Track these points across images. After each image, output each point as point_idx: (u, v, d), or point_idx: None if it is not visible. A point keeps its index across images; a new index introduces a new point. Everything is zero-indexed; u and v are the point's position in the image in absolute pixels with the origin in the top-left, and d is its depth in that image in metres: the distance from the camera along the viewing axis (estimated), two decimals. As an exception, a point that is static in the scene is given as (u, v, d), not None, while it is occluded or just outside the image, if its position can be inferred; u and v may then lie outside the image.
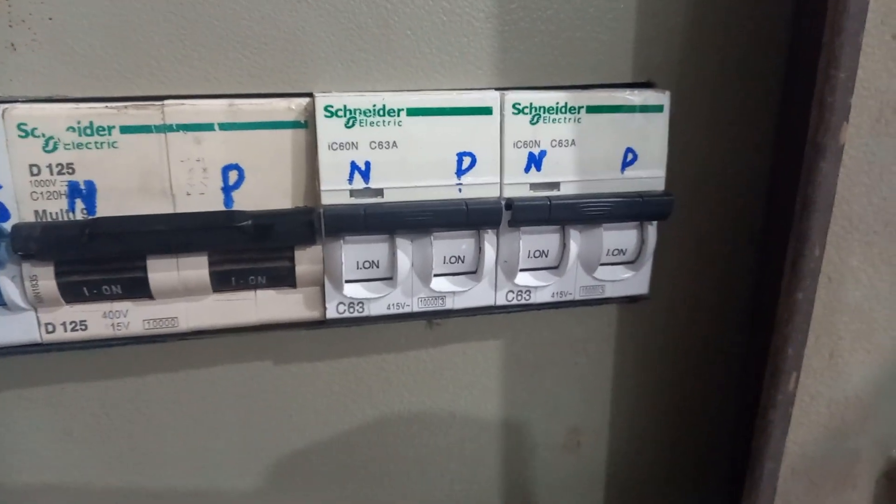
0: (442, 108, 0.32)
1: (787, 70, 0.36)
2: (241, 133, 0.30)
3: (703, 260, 0.40)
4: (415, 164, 0.32)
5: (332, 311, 0.33)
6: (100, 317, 0.31)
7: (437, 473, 0.41)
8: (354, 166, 0.31)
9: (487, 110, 0.32)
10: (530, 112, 0.33)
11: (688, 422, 0.44)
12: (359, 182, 0.31)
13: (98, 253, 0.29)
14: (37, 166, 0.28)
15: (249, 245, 0.31)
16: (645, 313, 0.40)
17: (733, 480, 0.40)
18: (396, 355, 0.38)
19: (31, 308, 0.30)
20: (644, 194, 0.35)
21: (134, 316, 0.31)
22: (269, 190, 0.31)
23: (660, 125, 0.35)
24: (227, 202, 0.31)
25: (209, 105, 0.30)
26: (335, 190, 0.31)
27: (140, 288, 0.31)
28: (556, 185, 0.34)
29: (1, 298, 0.29)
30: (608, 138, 0.34)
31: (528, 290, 0.36)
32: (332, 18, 0.31)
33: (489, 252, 0.34)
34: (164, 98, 0.29)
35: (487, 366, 0.39)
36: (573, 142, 0.34)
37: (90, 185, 0.29)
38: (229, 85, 0.31)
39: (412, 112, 0.31)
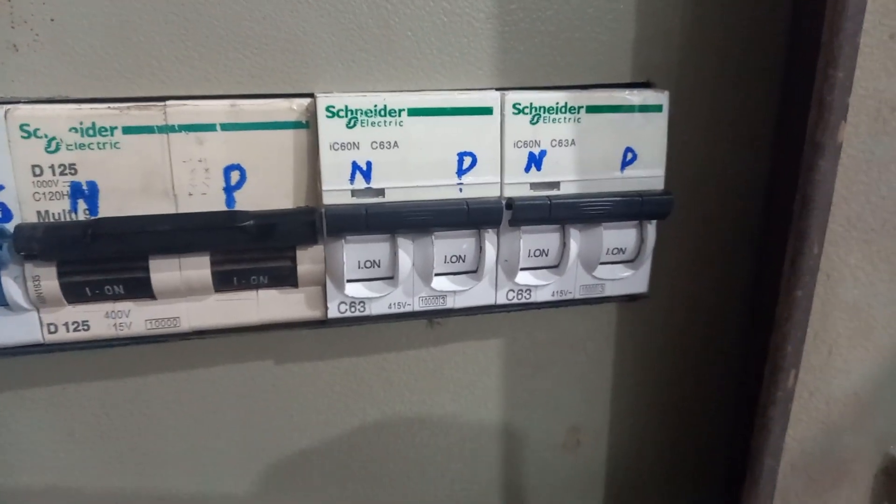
0: (442, 109, 0.32)
1: (785, 70, 0.36)
2: (242, 133, 0.30)
3: (703, 258, 0.40)
4: (416, 163, 0.32)
5: (333, 311, 0.33)
6: (102, 317, 0.31)
7: (437, 473, 0.41)
8: (356, 166, 0.31)
9: (488, 110, 0.32)
10: (530, 112, 0.33)
11: (687, 419, 0.44)
12: (360, 182, 0.31)
13: (100, 253, 0.29)
14: (39, 167, 0.28)
15: (251, 245, 0.31)
16: (644, 312, 0.41)
17: (733, 478, 0.40)
18: (397, 355, 0.38)
19: (33, 308, 0.30)
20: (643, 193, 0.35)
21: (136, 316, 0.31)
22: (271, 190, 0.31)
23: (659, 125, 0.35)
24: (229, 202, 0.31)
25: (211, 105, 0.30)
26: (337, 190, 0.31)
27: (142, 288, 0.31)
28: (557, 185, 0.34)
29: (3, 299, 0.29)
30: (608, 138, 0.34)
31: (529, 289, 0.36)
32: (333, 19, 0.31)
33: (490, 251, 0.34)
34: (165, 99, 0.30)
35: (488, 365, 0.40)
36: (573, 141, 0.34)
37: (92, 186, 0.29)
38: (231, 85, 0.31)
39: (413, 112, 0.31)
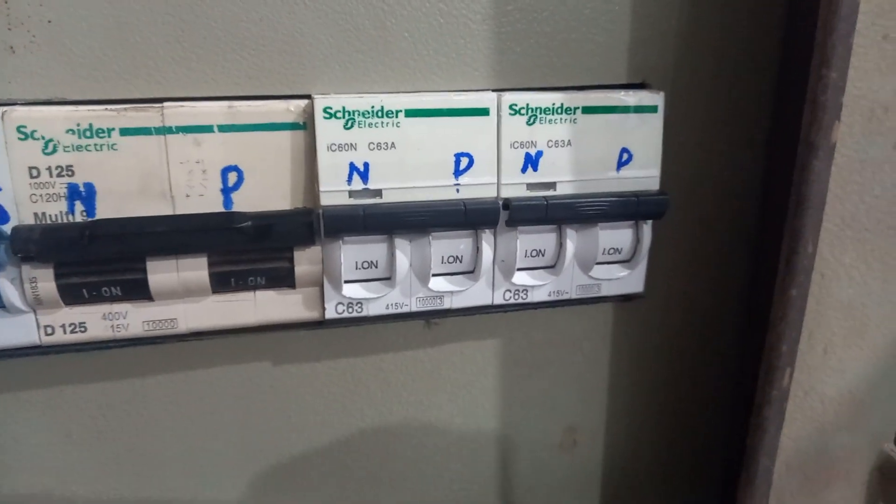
0: (439, 110, 0.32)
1: (780, 70, 0.36)
2: (240, 135, 0.30)
3: (698, 258, 0.40)
4: (413, 164, 0.32)
5: (331, 312, 0.33)
6: (99, 318, 0.31)
7: (434, 472, 0.41)
8: (353, 167, 0.31)
9: (484, 111, 0.32)
10: (527, 113, 0.33)
11: (684, 419, 0.44)
12: (357, 183, 0.31)
13: (97, 255, 0.29)
14: (36, 168, 0.28)
15: (249, 246, 0.31)
16: (640, 312, 0.41)
17: (729, 478, 0.41)
18: (395, 355, 0.38)
19: (30, 310, 0.30)
20: (639, 194, 0.35)
21: (133, 317, 0.31)
22: (269, 191, 0.31)
23: (654, 125, 0.35)
24: (227, 203, 0.31)
25: (208, 107, 0.30)
26: (334, 191, 0.31)
27: (139, 289, 0.31)
28: (553, 185, 0.34)
29: (0, 300, 0.29)
30: (603, 138, 0.34)
31: (525, 289, 0.36)
32: (330, 21, 0.31)
33: (487, 252, 0.34)
34: (163, 100, 0.30)
35: (485, 365, 0.40)
36: (569, 142, 0.34)
37: (90, 188, 0.29)
38: (228, 87, 0.31)
39: (410, 113, 0.31)
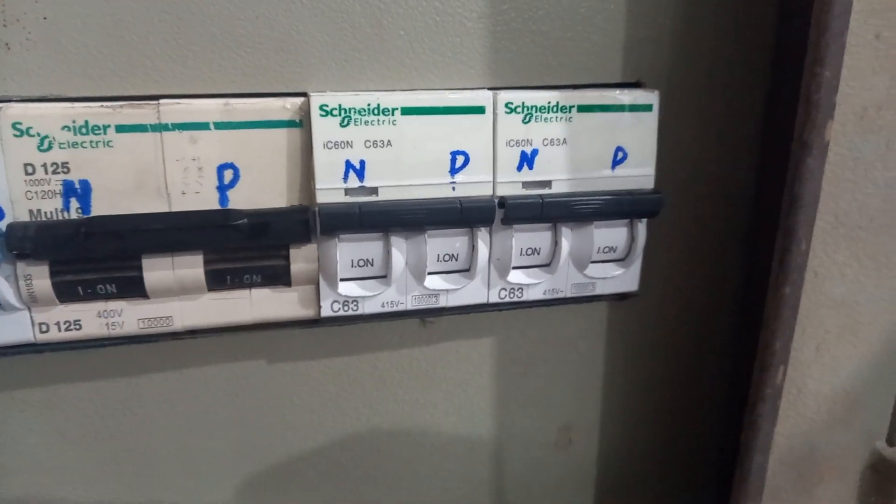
0: (435, 108, 0.32)
1: (773, 69, 0.36)
2: (236, 132, 0.30)
3: (693, 257, 0.40)
4: (409, 162, 0.32)
5: (326, 310, 0.33)
6: (94, 316, 0.31)
7: (429, 471, 0.41)
8: (349, 165, 0.31)
9: (480, 109, 0.33)
10: (522, 111, 0.33)
11: (679, 417, 0.44)
12: (353, 181, 0.31)
13: (93, 252, 0.29)
14: (31, 165, 0.28)
15: (244, 244, 0.31)
16: (635, 310, 0.41)
17: (724, 476, 0.41)
18: (390, 353, 0.38)
19: (24, 308, 0.30)
20: (634, 192, 0.35)
21: (128, 315, 0.31)
22: (265, 189, 0.31)
23: (649, 124, 0.35)
24: (223, 201, 0.31)
25: (204, 104, 0.30)
26: (330, 188, 0.31)
27: (135, 287, 0.31)
28: (548, 184, 0.34)
29: (-5, 298, 0.29)
30: (599, 137, 0.34)
31: (521, 287, 0.36)
32: (326, 18, 0.31)
33: (482, 250, 0.34)
34: (159, 97, 0.30)
35: (480, 363, 0.40)
36: (564, 140, 0.34)
37: (85, 185, 0.29)
38: (224, 84, 0.31)
39: (406, 111, 0.32)
